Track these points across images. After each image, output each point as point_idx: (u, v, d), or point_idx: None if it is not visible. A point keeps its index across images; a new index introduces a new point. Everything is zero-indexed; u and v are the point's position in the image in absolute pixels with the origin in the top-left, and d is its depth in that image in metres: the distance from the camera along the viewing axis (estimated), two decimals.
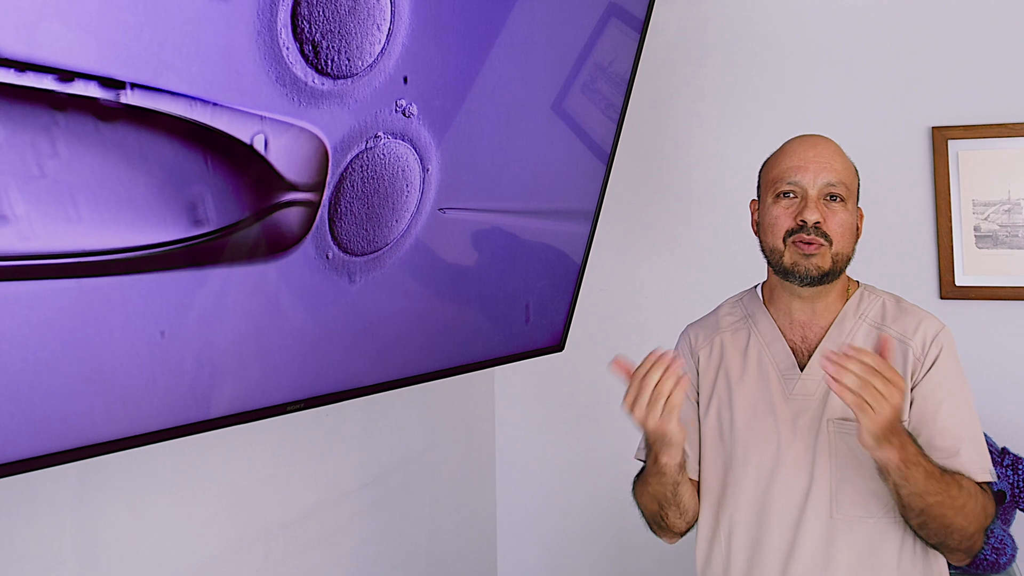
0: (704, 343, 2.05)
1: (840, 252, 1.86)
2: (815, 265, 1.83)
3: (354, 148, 1.94)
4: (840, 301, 1.94)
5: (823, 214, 1.84)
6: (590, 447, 3.56)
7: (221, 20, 1.59)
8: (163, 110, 1.55)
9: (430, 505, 3.20)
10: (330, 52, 1.81)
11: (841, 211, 1.86)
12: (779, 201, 1.89)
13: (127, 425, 1.70)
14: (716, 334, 2.04)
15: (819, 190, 1.85)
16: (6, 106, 1.33)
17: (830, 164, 1.87)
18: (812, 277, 1.84)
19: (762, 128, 3.27)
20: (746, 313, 2.03)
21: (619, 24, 2.61)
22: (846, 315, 1.92)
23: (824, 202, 1.85)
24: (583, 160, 2.72)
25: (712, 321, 2.09)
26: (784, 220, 1.87)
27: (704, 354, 2.04)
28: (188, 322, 1.74)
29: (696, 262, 3.42)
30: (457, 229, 2.34)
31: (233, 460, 2.28)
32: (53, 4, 1.35)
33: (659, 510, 1.95)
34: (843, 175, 1.88)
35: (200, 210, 1.67)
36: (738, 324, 2.03)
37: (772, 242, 1.89)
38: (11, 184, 1.37)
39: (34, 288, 1.46)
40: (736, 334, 2.01)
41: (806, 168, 1.86)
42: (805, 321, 1.94)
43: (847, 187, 1.87)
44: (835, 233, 1.84)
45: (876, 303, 1.94)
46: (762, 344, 1.96)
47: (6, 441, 1.50)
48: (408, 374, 2.37)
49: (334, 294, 2.04)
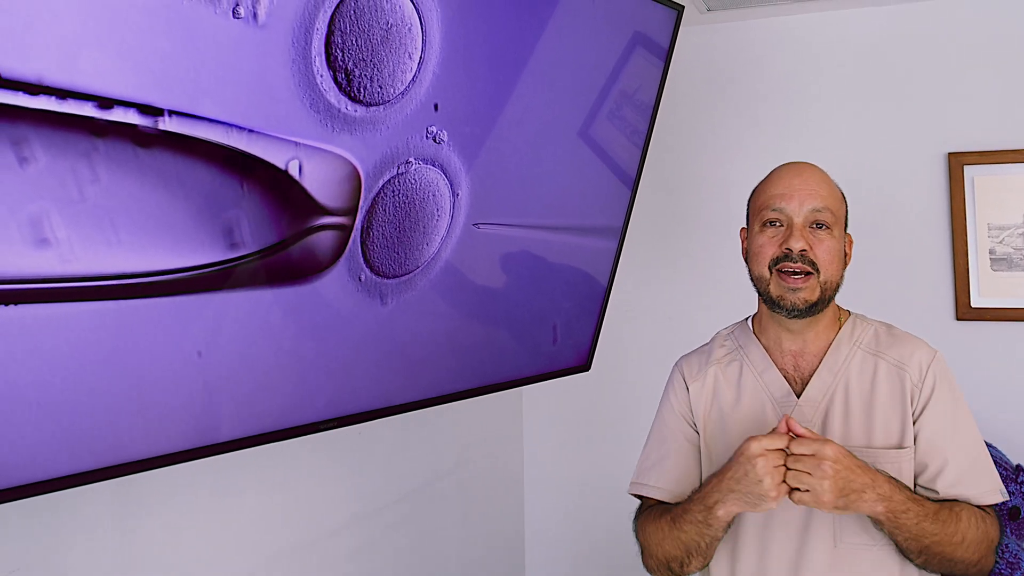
0: (697, 376, 1.97)
1: (828, 280, 1.79)
2: (802, 299, 1.77)
3: (386, 173, 1.93)
4: (831, 329, 1.88)
5: (809, 242, 1.78)
6: (615, 464, 3.49)
7: (256, 48, 1.59)
8: (200, 136, 1.54)
9: (460, 520, 3.18)
10: (363, 80, 1.79)
11: (827, 238, 1.79)
12: (765, 229, 1.83)
13: (165, 443, 1.68)
14: (708, 366, 1.97)
15: (804, 218, 1.79)
16: (48, 133, 1.32)
17: (815, 191, 1.81)
18: (799, 309, 1.78)
19: (781, 154, 3.17)
20: (738, 344, 1.97)
21: (644, 53, 2.59)
22: (841, 342, 1.86)
23: (810, 230, 1.79)
24: (608, 185, 2.69)
25: (705, 353, 2.02)
26: (770, 248, 1.81)
27: (696, 386, 1.96)
28: (224, 342, 1.73)
29: (717, 285, 3.39)
30: (486, 252, 2.31)
31: (268, 477, 2.26)
32: (93, 33, 1.35)
33: (683, 556, 1.84)
34: (829, 201, 1.81)
35: (236, 234, 1.66)
36: (730, 356, 1.96)
37: (758, 270, 1.84)
38: (52, 208, 1.37)
39: (74, 310, 1.45)
40: (728, 366, 1.95)
41: (791, 196, 1.81)
42: (796, 350, 1.88)
43: (833, 213, 1.81)
44: (822, 261, 1.78)
45: (869, 330, 1.89)
46: (755, 374, 1.90)
47: (46, 458, 1.49)
48: (439, 393, 2.34)
49: (366, 315, 2.02)
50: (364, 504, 2.65)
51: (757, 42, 3.39)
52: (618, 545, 3.52)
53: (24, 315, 1.38)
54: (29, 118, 1.30)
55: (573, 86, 2.39)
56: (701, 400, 1.95)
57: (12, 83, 1.27)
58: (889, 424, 1.78)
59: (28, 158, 1.31)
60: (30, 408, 1.44)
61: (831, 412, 1.81)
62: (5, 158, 1.29)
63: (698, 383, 1.96)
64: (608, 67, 2.48)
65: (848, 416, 1.80)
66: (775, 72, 3.37)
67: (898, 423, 1.78)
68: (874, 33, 3.24)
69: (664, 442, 1.98)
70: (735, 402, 1.91)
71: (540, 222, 2.46)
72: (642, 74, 2.63)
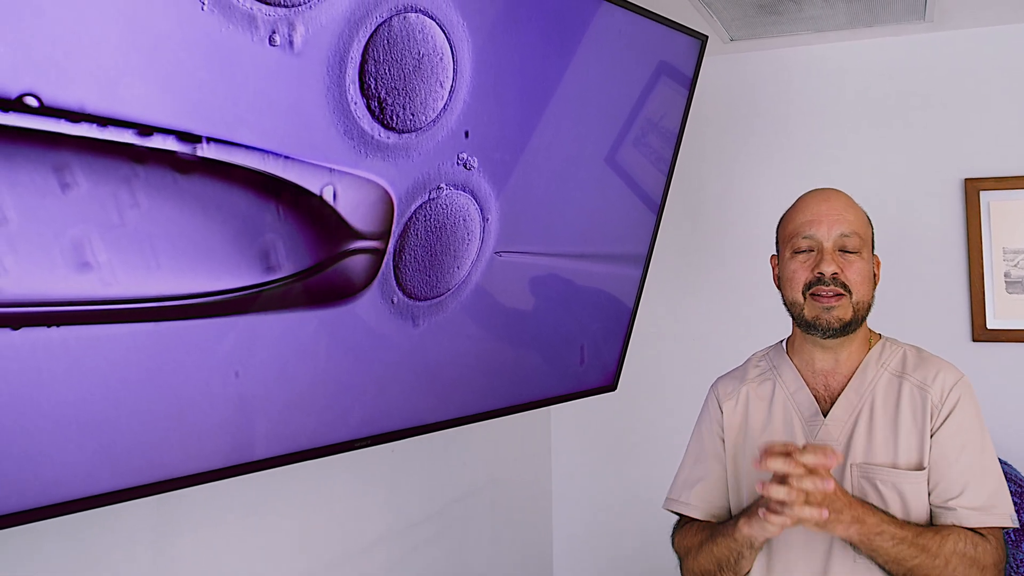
0: (730, 395, 1.98)
1: (860, 300, 1.79)
2: (836, 317, 1.78)
3: (418, 199, 1.91)
4: (862, 350, 1.88)
5: (840, 265, 1.78)
6: (641, 482, 3.52)
7: (292, 76, 1.58)
8: (238, 163, 1.53)
9: (490, 536, 3.16)
10: (395, 107, 1.78)
11: (857, 261, 1.80)
12: (796, 256, 1.84)
13: (203, 460, 1.68)
14: (742, 386, 1.98)
15: (834, 242, 1.80)
16: (89, 159, 1.32)
17: (843, 216, 1.81)
18: (834, 329, 1.78)
19: (802, 180, 3.19)
20: (772, 365, 1.98)
21: (669, 82, 2.57)
22: (868, 363, 1.86)
23: (840, 254, 1.80)
24: (634, 209, 2.67)
25: (740, 374, 2.03)
26: (802, 274, 1.82)
27: (729, 406, 1.97)
28: (261, 363, 1.72)
29: (740, 308, 3.39)
30: (515, 275, 2.30)
31: (304, 493, 2.26)
32: (133, 62, 1.34)
33: (715, 570, 1.85)
34: (856, 226, 1.82)
35: (272, 257, 1.64)
36: (764, 376, 1.97)
37: (792, 296, 1.84)
38: (94, 233, 1.36)
39: (115, 331, 1.44)
40: (762, 385, 1.96)
41: (820, 222, 1.81)
42: (828, 370, 1.88)
43: (861, 237, 1.82)
44: (854, 282, 1.78)
45: (898, 353, 1.88)
46: (787, 393, 1.90)
47: (88, 475, 1.49)
48: (469, 412, 2.33)
49: (399, 337, 2.00)
50: (397, 520, 2.63)
51: (778, 71, 3.38)
52: (645, 561, 3.50)
53: (66, 336, 1.38)
54: (71, 145, 1.29)
55: (600, 113, 2.38)
56: (733, 419, 1.96)
57: (54, 111, 1.27)
58: (910, 444, 1.77)
59: (70, 184, 1.31)
60: (71, 426, 1.44)
61: (856, 431, 1.80)
62: (48, 184, 1.28)
63: (731, 402, 1.97)
64: (634, 95, 2.47)
65: (872, 435, 1.79)
66: (796, 100, 3.36)
67: (918, 443, 1.77)
68: (892, 62, 3.24)
69: (699, 461, 1.99)
70: (766, 420, 1.91)
71: (567, 250, 2.44)
72: (667, 102, 2.62)
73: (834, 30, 3.13)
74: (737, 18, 2.96)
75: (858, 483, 1.77)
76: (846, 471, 1.78)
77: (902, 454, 1.76)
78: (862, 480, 1.77)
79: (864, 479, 1.77)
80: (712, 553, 1.83)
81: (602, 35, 2.27)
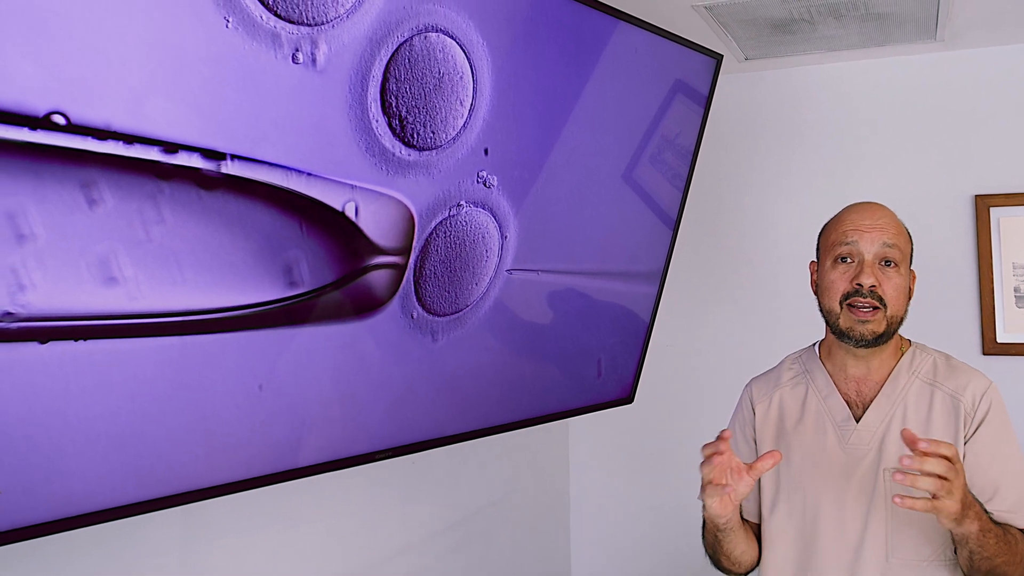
0: (763, 397, 1.99)
1: (894, 315, 1.79)
2: (870, 330, 1.77)
3: (438, 215, 1.90)
4: (893, 358, 1.87)
5: (878, 278, 1.77)
6: (658, 493, 3.51)
7: (315, 94, 1.57)
8: (261, 179, 1.52)
9: (510, 547, 3.14)
10: (416, 125, 1.77)
11: (895, 275, 1.79)
12: (837, 265, 1.82)
13: (228, 472, 1.67)
14: (776, 389, 1.98)
15: (875, 255, 1.79)
16: (115, 176, 1.31)
17: (885, 228, 1.81)
18: (867, 340, 1.78)
19: (815, 197, 3.26)
20: (804, 369, 1.97)
21: (684, 100, 2.56)
22: (900, 371, 1.85)
23: (879, 267, 1.79)
24: (651, 226, 2.66)
25: (773, 376, 2.02)
26: (841, 284, 1.80)
27: (762, 408, 1.97)
28: (284, 376, 1.71)
29: (754, 320, 3.38)
30: (533, 290, 2.28)
31: (327, 504, 2.25)
32: (159, 81, 1.34)
33: (716, 555, 1.92)
34: (898, 240, 1.81)
35: (295, 272, 1.63)
36: (797, 379, 1.96)
37: (829, 304, 1.83)
38: (120, 248, 1.35)
39: (141, 345, 1.44)
40: (795, 388, 1.95)
41: (862, 234, 1.80)
42: (860, 376, 1.87)
43: (901, 251, 1.81)
44: (890, 297, 1.77)
45: (928, 360, 1.87)
46: (819, 398, 1.90)
47: (115, 487, 1.48)
48: (488, 424, 2.31)
49: (418, 351, 1.98)
50: (417, 531, 2.62)
51: (792, 90, 3.38)
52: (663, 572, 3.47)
53: (93, 350, 1.37)
54: (98, 162, 1.29)
55: (617, 131, 2.36)
56: (768, 420, 1.96)
57: (82, 128, 1.26)
58: None
59: (97, 200, 1.30)
60: (99, 439, 1.43)
61: (888, 437, 1.80)
62: (75, 200, 1.28)
63: (763, 404, 1.98)
64: (650, 113, 2.46)
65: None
66: (809, 118, 3.35)
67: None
68: (904, 81, 3.23)
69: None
70: (798, 423, 1.91)
71: (584, 267, 2.43)
72: (683, 120, 2.60)
73: (847, 49, 3.12)
74: (752, 38, 2.95)
75: (891, 488, 1.76)
76: (878, 476, 1.78)
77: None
78: (895, 484, 1.75)
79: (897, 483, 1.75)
80: (709, 541, 1.90)
81: (619, 54, 2.26)
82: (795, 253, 2.90)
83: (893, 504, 1.73)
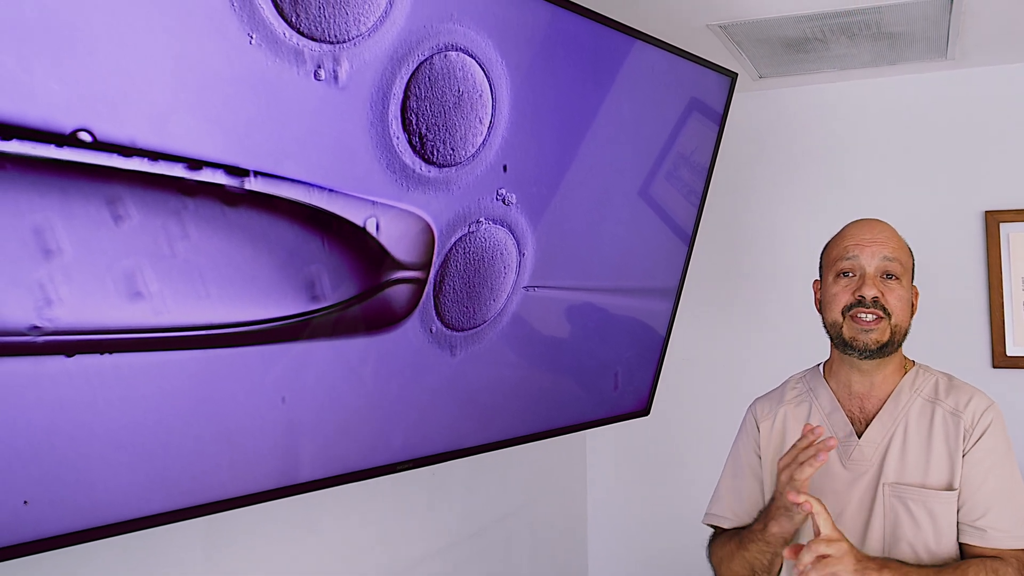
0: (767, 415, 1.96)
1: (898, 325, 1.76)
2: (874, 340, 1.75)
3: (458, 231, 1.89)
4: (897, 375, 1.85)
5: (881, 290, 1.76)
6: (673, 503, 3.50)
7: (336, 111, 1.56)
8: (284, 196, 1.51)
9: (528, 556, 3.12)
10: (436, 143, 1.76)
11: (898, 287, 1.77)
12: (839, 280, 1.81)
13: (251, 483, 1.65)
14: (780, 406, 1.96)
15: (876, 268, 1.77)
16: (140, 192, 1.30)
17: (886, 244, 1.79)
18: (871, 350, 1.75)
19: (827, 212, 3.23)
20: (808, 387, 1.95)
21: (700, 117, 2.55)
22: (902, 389, 1.83)
23: (881, 280, 1.77)
24: (667, 241, 2.64)
25: (777, 395, 2.00)
26: (843, 296, 1.79)
27: (766, 426, 1.95)
28: (306, 389, 1.70)
29: (767, 334, 3.37)
30: (551, 306, 2.26)
31: (348, 514, 2.23)
32: (183, 98, 1.33)
33: (749, 574, 1.84)
34: (899, 254, 1.80)
35: (317, 287, 1.62)
36: (801, 397, 1.94)
37: (832, 316, 1.81)
38: (145, 264, 1.34)
39: (166, 358, 1.43)
40: (799, 406, 1.93)
41: (863, 248, 1.79)
42: (863, 393, 1.85)
43: (902, 265, 1.79)
44: (893, 307, 1.76)
45: (930, 380, 1.85)
46: (822, 414, 1.88)
47: (140, 498, 1.47)
48: (507, 436, 2.29)
49: (437, 365, 1.97)
50: (436, 541, 2.60)
51: (805, 107, 3.37)
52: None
53: (119, 363, 1.36)
54: (123, 179, 1.28)
55: (633, 148, 2.35)
56: (770, 439, 1.94)
57: (107, 145, 1.25)
58: (942, 465, 1.74)
59: (122, 216, 1.29)
60: (124, 450, 1.42)
61: (889, 452, 1.78)
62: (101, 216, 1.27)
63: (768, 422, 1.95)
64: (666, 130, 2.44)
65: (904, 456, 1.77)
66: (822, 135, 3.34)
67: (949, 464, 1.74)
68: (915, 99, 3.22)
69: (736, 477, 1.98)
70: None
71: (601, 284, 2.41)
72: (698, 137, 2.59)
73: (859, 68, 3.11)
74: (766, 56, 2.94)
75: (890, 503, 1.74)
76: (879, 491, 1.76)
77: (933, 475, 1.74)
78: (894, 500, 1.75)
79: (896, 499, 1.74)
80: (744, 559, 1.82)
81: (635, 73, 2.25)
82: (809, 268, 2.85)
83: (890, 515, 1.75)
